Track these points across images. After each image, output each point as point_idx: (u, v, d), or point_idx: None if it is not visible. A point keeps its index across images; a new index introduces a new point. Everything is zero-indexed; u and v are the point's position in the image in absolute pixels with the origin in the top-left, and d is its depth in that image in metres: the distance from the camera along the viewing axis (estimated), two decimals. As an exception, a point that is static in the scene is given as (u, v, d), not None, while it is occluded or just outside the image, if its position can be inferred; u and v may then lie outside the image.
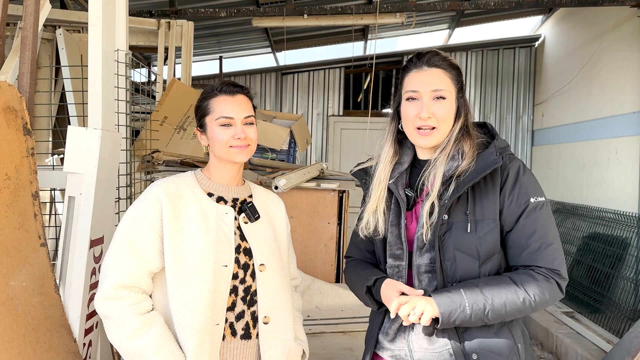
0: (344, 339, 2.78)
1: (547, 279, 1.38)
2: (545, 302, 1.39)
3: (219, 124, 1.56)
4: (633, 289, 4.71)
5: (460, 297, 1.36)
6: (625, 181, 5.50)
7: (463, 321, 1.36)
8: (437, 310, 1.36)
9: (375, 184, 1.57)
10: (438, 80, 1.47)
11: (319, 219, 3.48)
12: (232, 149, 1.57)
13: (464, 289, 1.37)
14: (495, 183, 1.43)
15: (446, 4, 5.65)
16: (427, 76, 1.48)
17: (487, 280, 1.40)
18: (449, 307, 1.35)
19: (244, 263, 1.57)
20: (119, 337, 1.45)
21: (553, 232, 1.42)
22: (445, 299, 1.37)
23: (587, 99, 6.38)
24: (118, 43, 2.30)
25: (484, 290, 1.37)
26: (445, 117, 1.47)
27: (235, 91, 1.60)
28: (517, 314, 1.39)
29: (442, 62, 1.49)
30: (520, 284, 1.37)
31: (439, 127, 1.47)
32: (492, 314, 1.36)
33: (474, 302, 1.35)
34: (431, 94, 1.46)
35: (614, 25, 5.86)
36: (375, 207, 1.55)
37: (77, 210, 2.01)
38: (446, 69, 1.49)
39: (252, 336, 1.57)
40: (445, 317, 1.36)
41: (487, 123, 1.58)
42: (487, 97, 8.28)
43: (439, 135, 1.48)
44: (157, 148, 3.37)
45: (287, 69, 8.42)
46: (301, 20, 5.76)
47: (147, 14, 5.40)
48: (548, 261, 1.39)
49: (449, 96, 1.47)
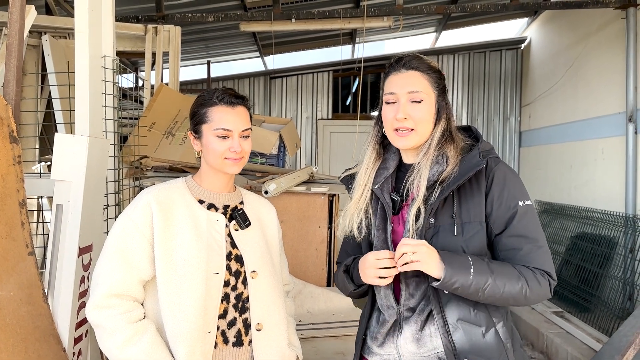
0: (335, 343, 2.77)
1: (543, 277, 1.40)
2: (537, 297, 1.40)
3: (216, 134, 1.55)
4: (621, 288, 4.75)
5: (467, 261, 1.36)
6: (612, 181, 5.56)
7: (461, 286, 1.35)
8: (440, 267, 1.35)
9: (355, 187, 1.59)
10: (414, 82, 1.48)
11: (310, 223, 3.47)
12: (226, 161, 1.56)
13: (471, 257, 1.38)
14: (481, 185, 1.44)
15: (433, 8, 5.68)
16: (404, 78, 1.49)
17: (493, 260, 1.42)
18: (454, 266, 1.34)
19: (236, 270, 1.56)
20: (111, 346, 1.44)
21: (541, 235, 1.44)
22: (451, 258, 1.36)
23: (573, 100, 6.45)
24: (105, 49, 2.28)
25: (490, 265, 1.38)
26: (422, 119, 1.47)
27: (236, 103, 1.58)
28: (510, 300, 1.38)
29: (420, 64, 1.50)
30: (521, 273, 1.39)
31: (416, 129, 1.47)
32: (489, 290, 1.35)
33: (478, 271, 1.35)
34: (408, 96, 1.47)
35: (598, 27, 5.93)
36: (354, 210, 1.56)
37: (65, 218, 1.99)
38: (424, 72, 1.50)
39: (245, 343, 1.56)
40: (447, 276, 1.34)
41: (472, 126, 1.59)
42: (474, 99, 8.33)
43: (417, 137, 1.48)
44: (146, 154, 3.35)
45: (276, 73, 8.42)
46: (289, 24, 5.76)
47: (134, 19, 5.37)
48: (540, 263, 1.40)
49: (426, 98, 1.48)
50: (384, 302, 1.52)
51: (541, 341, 4.65)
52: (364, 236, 1.57)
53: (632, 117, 5.17)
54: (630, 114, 5.18)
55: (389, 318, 1.51)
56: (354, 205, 1.57)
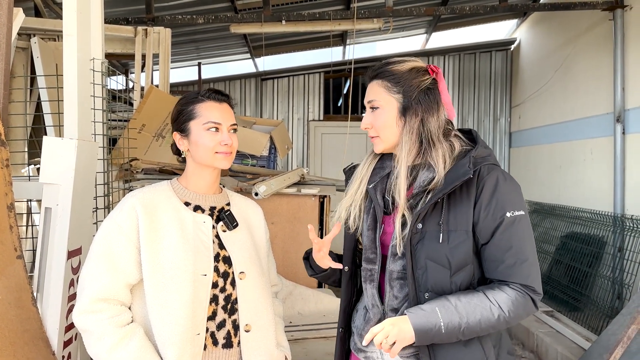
0: (325, 344, 2.78)
1: (522, 295, 1.38)
2: (518, 317, 1.39)
3: (206, 128, 1.56)
4: (610, 287, 4.79)
5: (436, 317, 1.35)
6: (601, 181, 5.61)
7: (438, 340, 1.37)
8: (411, 335, 1.35)
9: (353, 179, 1.61)
10: (370, 92, 1.53)
11: (300, 224, 3.48)
12: (217, 155, 1.57)
13: (439, 307, 1.36)
14: (470, 194, 1.41)
15: (422, 9, 5.71)
16: (368, 90, 1.55)
17: (462, 296, 1.39)
18: (424, 329, 1.35)
19: (224, 271, 1.56)
20: (99, 350, 1.43)
21: (529, 247, 1.41)
22: (421, 320, 1.35)
23: (562, 101, 6.50)
24: (94, 51, 2.28)
25: (458, 309, 1.36)
26: (382, 125, 1.50)
27: (222, 99, 1.62)
28: (491, 329, 1.38)
29: (379, 72, 1.52)
30: (494, 300, 1.37)
31: (379, 135, 1.51)
32: (467, 331, 1.36)
33: (449, 322, 1.34)
34: (368, 105, 1.53)
35: (586, 29, 5.99)
36: (350, 202, 1.59)
37: (54, 221, 1.99)
38: (384, 79, 1.50)
39: (234, 344, 1.57)
40: (421, 338, 1.35)
41: (472, 130, 1.56)
42: (464, 100, 8.38)
43: (382, 143, 1.52)
44: (136, 156, 3.34)
45: (267, 75, 8.41)
46: (279, 26, 5.77)
47: (124, 21, 5.36)
48: (523, 277, 1.38)
49: (384, 105, 1.49)
50: (370, 300, 1.54)
51: (531, 340, 4.68)
52: (350, 232, 1.59)
53: (620, 117, 5.22)
54: (618, 115, 5.23)
55: (373, 316, 1.53)
56: (349, 198, 1.59)
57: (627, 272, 4.62)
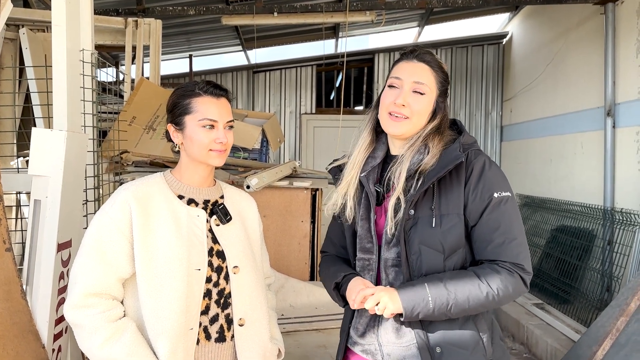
0: (318, 336, 2.78)
1: (511, 273, 1.41)
2: (509, 296, 1.41)
3: (201, 125, 1.53)
4: (600, 279, 4.84)
5: (424, 291, 1.38)
6: (591, 175, 5.64)
7: (426, 315, 1.39)
8: (400, 305, 1.39)
9: (348, 167, 1.60)
10: (422, 74, 1.51)
11: (292, 217, 3.48)
12: (211, 152, 1.54)
13: (428, 283, 1.40)
14: (460, 178, 1.45)
15: (415, 2, 5.69)
16: (413, 68, 1.52)
17: (452, 274, 1.42)
18: (412, 301, 1.38)
19: (217, 266, 1.55)
20: (91, 345, 1.42)
21: (517, 227, 1.45)
22: (408, 293, 1.39)
23: (553, 95, 6.52)
24: (83, 43, 2.25)
25: (447, 285, 1.39)
26: (419, 111, 1.50)
27: (220, 94, 1.57)
28: (481, 308, 1.41)
29: (431, 60, 1.54)
30: (484, 278, 1.40)
31: (411, 119, 1.50)
32: (456, 308, 1.39)
33: (437, 297, 1.38)
34: (412, 85, 1.50)
35: (578, 23, 6.00)
36: (346, 189, 1.59)
37: (44, 213, 1.97)
38: (434, 68, 1.54)
39: (227, 339, 1.56)
40: (408, 311, 1.39)
41: (457, 120, 1.61)
42: (456, 93, 8.38)
43: (410, 126, 1.51)
44: (126, 149, 3.31)
45: (259, 67, 8.37)
46: (271, 18, 5.74)
47: (114, 12, 5.30)
48: (512, 255, 1.41)
49: (428, 92, 1.51)
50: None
51: (522, 333, 4.71)
52: (348, 225, 1.59)
53: (610, 111, 5.25)
54: (608, 109, 5.26)
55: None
56: (344, 185, 1.59)
57: (616, 264, 4.66)
